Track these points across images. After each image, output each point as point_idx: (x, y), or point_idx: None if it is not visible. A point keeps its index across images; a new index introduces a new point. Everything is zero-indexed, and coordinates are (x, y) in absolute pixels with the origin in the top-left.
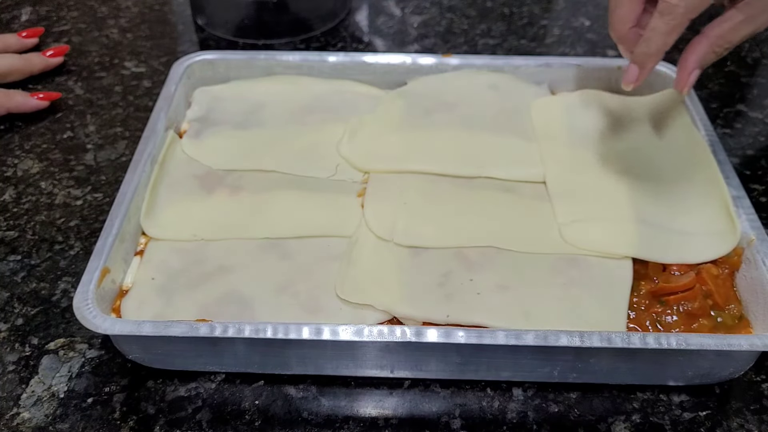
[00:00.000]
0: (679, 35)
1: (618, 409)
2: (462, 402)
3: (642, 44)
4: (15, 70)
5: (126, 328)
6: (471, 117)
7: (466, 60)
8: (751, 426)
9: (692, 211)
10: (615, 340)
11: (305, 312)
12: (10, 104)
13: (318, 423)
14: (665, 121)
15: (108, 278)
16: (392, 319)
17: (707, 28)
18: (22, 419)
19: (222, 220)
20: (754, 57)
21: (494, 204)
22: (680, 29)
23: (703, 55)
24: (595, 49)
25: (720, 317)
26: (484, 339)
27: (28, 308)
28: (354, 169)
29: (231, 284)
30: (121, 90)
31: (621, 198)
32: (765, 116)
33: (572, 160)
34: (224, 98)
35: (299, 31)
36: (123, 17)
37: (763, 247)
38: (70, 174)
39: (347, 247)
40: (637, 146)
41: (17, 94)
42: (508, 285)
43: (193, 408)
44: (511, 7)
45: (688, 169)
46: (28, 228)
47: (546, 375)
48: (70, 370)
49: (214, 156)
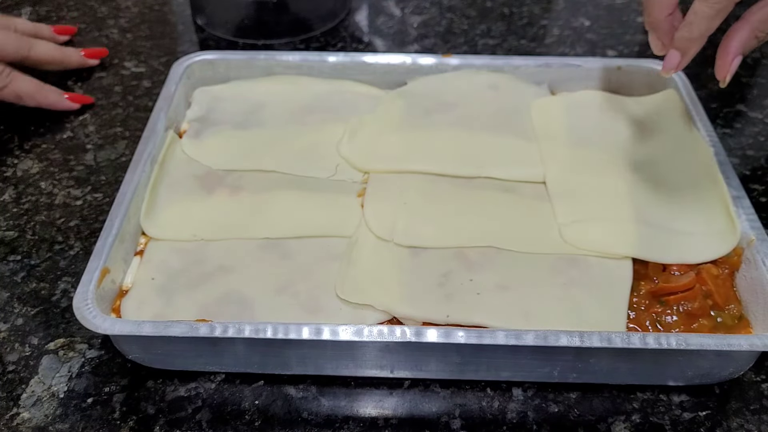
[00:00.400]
0: (723, 19)
1: (618, 409)
2: (462, 402)
3: (684, 29)
4: (53, 60)
5: (126, 328)
6: (471, 117)
7: (466, 60)
8: (751, 426)
9: (692, 211)
10: (615, 340)
11: (305, 312)
12: (44, 101)
13: (318, 423)
14: (665, 121)
15: (108, 278)
16: (392, 319)
17: (748, 14)
18: (22, 419)
19: (222, 220)
20: (754, 57)
21: (494, 204)
22: (725, 13)
23: (745, 41)
24: (595, 49)
25: (720, 317)
26: (484, 339)
27: (28, 308)
28: (354, 169)
29: (231, 284)
30: (121, 90)
31: (621, 198)
32: (765, 116)
33: (572, 160)
34: (224, 98)
35: (299, 31)
36: (123, 17)
37: (763, 247)
38: (70, 174)
39: (347, 247)
40: (637, 146)
41: (52, 92)
42: (508, 285)
43: (193, 408)
44: (511, 7)
45: (688, 169)
46: (28, 228)
47: (546, 375)
48: (70, 370)
49: (214, 156)
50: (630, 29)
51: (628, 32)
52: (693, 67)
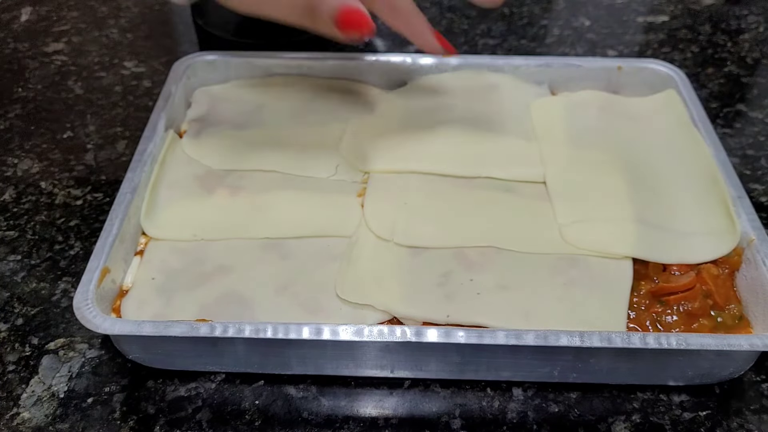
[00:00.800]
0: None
1: (618, 409)
2: (462, 402)
3: None
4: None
5: (126, 328)
6: (471, 117)
7: (466, 60)
8: (751, 426)
9: (692, 210)
10: (615, 340)
11: (305, 312)
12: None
13: (318, 423)
14: (665, 121)
15: (108, 278)
16: (392, 319)
17: None
18: (22, 419)
19: (222, 220)
20: (754, 57)
21: (494, 204)
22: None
23: None
24: (595, 49)
25: (720, 317)
26: (484, 339)
27: (28, 308)
28: (354, 169)
29: (231, 284)
30: (121, 90)
31: (621, 198)
32: (765, 116)
33: (572, 160)
34: (224, 98)
35: (299, 31)
36: (123, 17)
37: (763, 247)
38: (70, 174)
39: (347, 247)
40: (637, 146)
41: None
42: (508, 285)
43: (193, 408)
44: (511, 7)
45: (688, 168)
46: (28, 228)
47: (546, 375)
48: (70, 370)
49: (214, 156)
50: (630, 29)
51: (628, 32)
52: (693, 67)
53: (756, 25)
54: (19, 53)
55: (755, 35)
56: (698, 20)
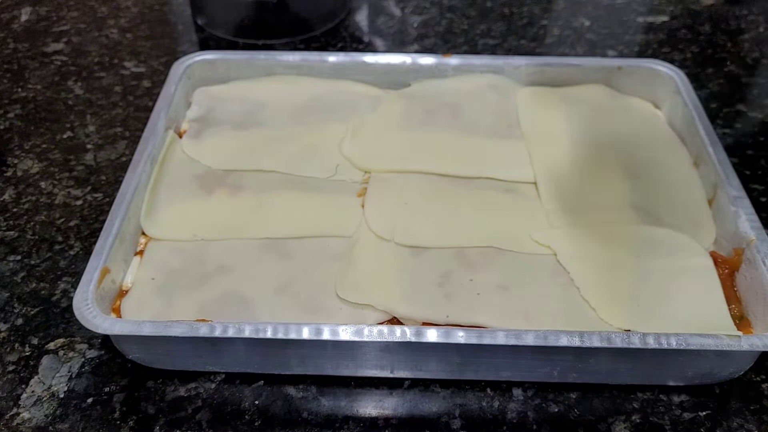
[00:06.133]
0: None
1: (618, 409)
2: (462, 402)
3: None
4: None
5: (126, 328)
6: (472, 118)
7: (466, 60)
8: (751, 426)
9: (678, 208)
10: (615, 340)
11: (305, 312)
12: None
13: (318, 423)
14: (653, 120)
15: (108, 278)
16: (392, 319)
17: None
18: (22, 419)
19: (222, 220)
20: (754, 57)
21: (494, 204)
22: None
23: None
24: (595, 49)
25: None
26: (484, 339)
27: (28, 308)
28: (354, 169)
29: (231, 284)
30: (121, 90)
31: (616, 197)
32: (765, 116)
33: (565, 160)
34: (224, 98)
35: (299, 31)
36: (123, 17)
37: (763, 247)
38: (70, 174)
39: (347, 247)
40: (634, 146)
41: None
42: (508, 285)
43: (193, 408)
44: (511, 7)
45: (673, 167)
46: (28, 228)
47: (546, 375)
48: (70, 370)
49: (214, 156)
50: (630, 29)
51: (628, 32)
52: (693, 67)
53: (756, 25)
54: (18, 53)
55: (755, 35)
56: (698, 20)
